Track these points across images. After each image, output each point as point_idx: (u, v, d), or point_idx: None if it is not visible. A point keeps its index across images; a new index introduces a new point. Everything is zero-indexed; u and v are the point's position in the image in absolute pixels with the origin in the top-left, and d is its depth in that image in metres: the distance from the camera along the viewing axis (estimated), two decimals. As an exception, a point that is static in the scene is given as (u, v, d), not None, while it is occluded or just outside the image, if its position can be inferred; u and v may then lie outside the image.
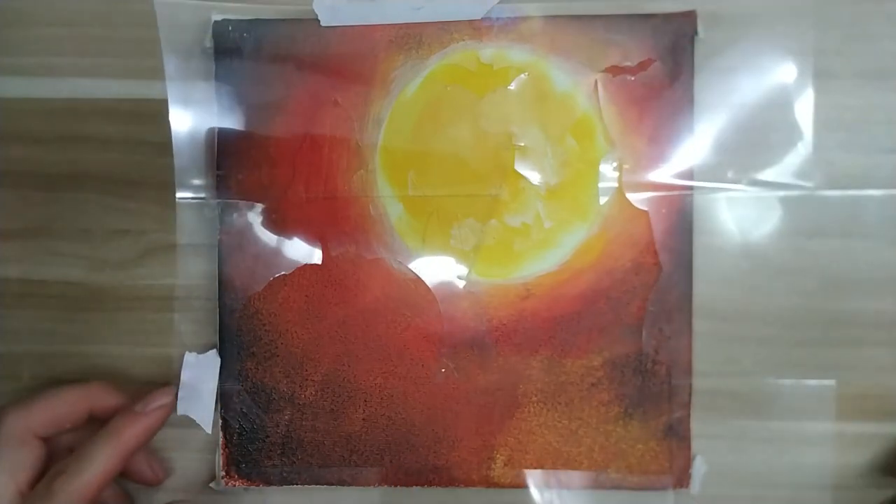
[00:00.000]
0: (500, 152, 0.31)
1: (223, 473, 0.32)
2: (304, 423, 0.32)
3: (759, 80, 0.31)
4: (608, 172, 0.31)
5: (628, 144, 0.31)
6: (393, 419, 0.32)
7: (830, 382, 0.31)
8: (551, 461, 0.32)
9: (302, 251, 0.32)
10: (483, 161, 0.31)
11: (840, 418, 0.31)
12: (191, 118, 0.31)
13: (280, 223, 0.32)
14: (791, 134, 0.31)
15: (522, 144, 0.31)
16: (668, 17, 0.31)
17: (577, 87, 0.31)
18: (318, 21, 0.31)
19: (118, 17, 0.32)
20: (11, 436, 0.28)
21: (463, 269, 0.32)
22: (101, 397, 0.30)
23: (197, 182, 0.32)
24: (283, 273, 0.32)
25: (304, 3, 0.31)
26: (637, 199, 0.31)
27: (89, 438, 0.29)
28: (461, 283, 0.32)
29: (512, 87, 0.31)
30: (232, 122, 0.31)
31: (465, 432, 0.32)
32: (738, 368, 0.32)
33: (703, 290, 0.31)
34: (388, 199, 0.32)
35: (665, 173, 0.31)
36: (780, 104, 0.31)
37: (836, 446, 0.32)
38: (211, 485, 0.32)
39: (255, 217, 0.32)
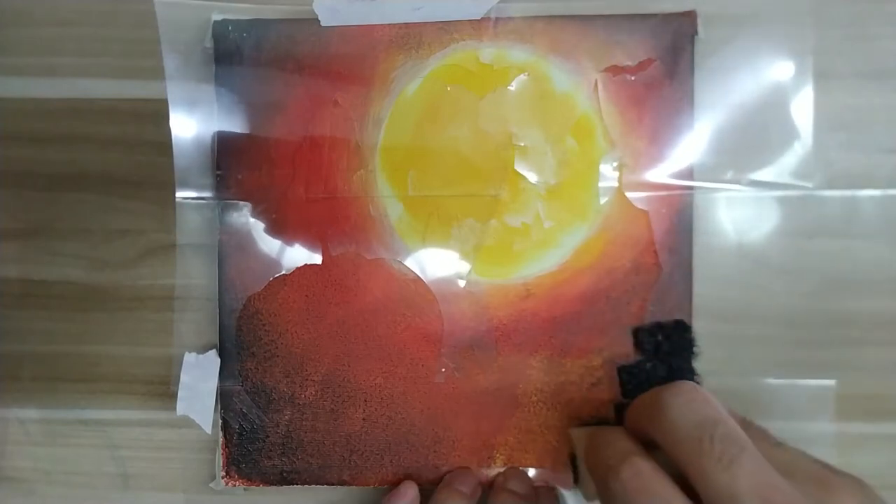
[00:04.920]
0: (500, 152, 0.31)
1: (223, 473, 0.32)
2: (304, 423, 0.32)
3: (759, 80, 0.31)
4: (608, 172, 0.31)
5: (628, 144, 0.31)
6: (393, 419, 0.32)
7: (830, 382, 0.31)
8: (551, 461, 0.32)
9: (302, 251, 0.32)
10: (483, 161, 0.31)
11: (840, 418, 0.31)
12: (191, 118, 0.31)
13: (280, 223, 0.32)
14: (791, 134, 0.31)
15: (522, 144, 0.31)
16: (667, 17, 0.31)
17: (577, 87, 0.31)
18: (318, 21, 0.31)
19: (118, 17, 0.32)
20: None
21: (463, 269, 0.32)
22: None
23: (197, 182, 0.32)
24: (283, 273, 0.32)
25: (304, 3, 0.31)
26: (637, 199, 0.31)
27: None
28: (461, 283, 0.32)
29: (512, 87, 0.31)
30: (232, 121, 0.31)
31: (465, 432, 0.32)
32: (738, 368, 0.32)
33: (703, 290, 0.31)
34: (388, 199, 0.32)
35: (665, 173, 0.31)
36: (779, 104, 0.31)
37: (836, 446, 0.31)
38: (211, 485, 0.32)
39: (255, 217, 0.32)
